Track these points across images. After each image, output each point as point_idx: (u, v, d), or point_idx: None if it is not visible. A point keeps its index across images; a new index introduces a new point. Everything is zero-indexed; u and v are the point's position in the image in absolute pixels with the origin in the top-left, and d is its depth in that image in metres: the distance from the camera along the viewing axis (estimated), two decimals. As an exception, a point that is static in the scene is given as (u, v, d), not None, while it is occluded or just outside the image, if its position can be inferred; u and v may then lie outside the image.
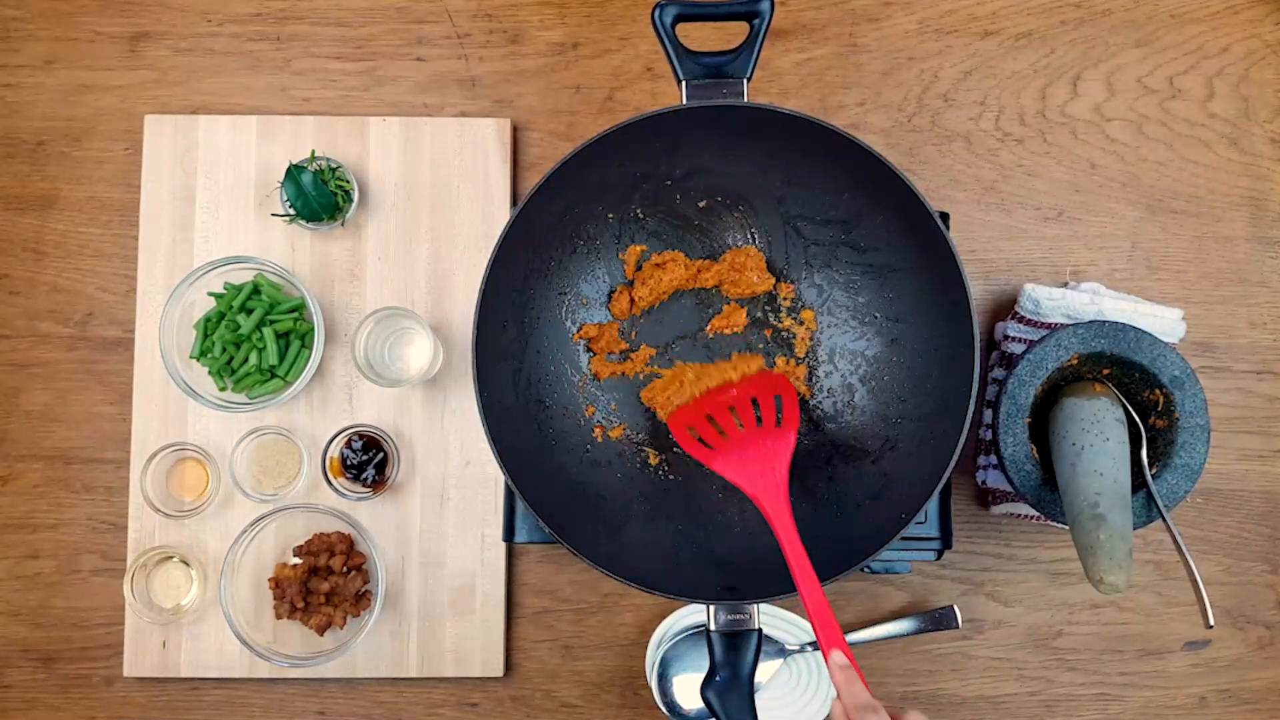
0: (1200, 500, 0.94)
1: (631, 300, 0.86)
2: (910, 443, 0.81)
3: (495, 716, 0.93)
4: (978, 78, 0.97)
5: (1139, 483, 0.82)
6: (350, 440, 0.91)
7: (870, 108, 0.97)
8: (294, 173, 0.89)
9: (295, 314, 0.91)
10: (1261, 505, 0.94)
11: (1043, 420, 0.86)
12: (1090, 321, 0.83)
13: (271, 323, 0.91)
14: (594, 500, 0.82)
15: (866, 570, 0.91)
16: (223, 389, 0.91)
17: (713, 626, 0.73)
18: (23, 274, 0.95)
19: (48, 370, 0.94)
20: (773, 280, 0.86)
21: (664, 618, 0.92)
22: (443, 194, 0.94)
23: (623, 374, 0.87)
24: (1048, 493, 0.83)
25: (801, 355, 0.87)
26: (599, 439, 0.86)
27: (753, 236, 0.86)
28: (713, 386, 0.83)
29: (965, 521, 0.94)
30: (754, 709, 0.71)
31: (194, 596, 0.90)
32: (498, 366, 0.79)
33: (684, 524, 0.83)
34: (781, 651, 0.90)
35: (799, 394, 0.86)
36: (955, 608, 0.91)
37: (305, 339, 0.92)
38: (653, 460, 0.86)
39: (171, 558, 0.91)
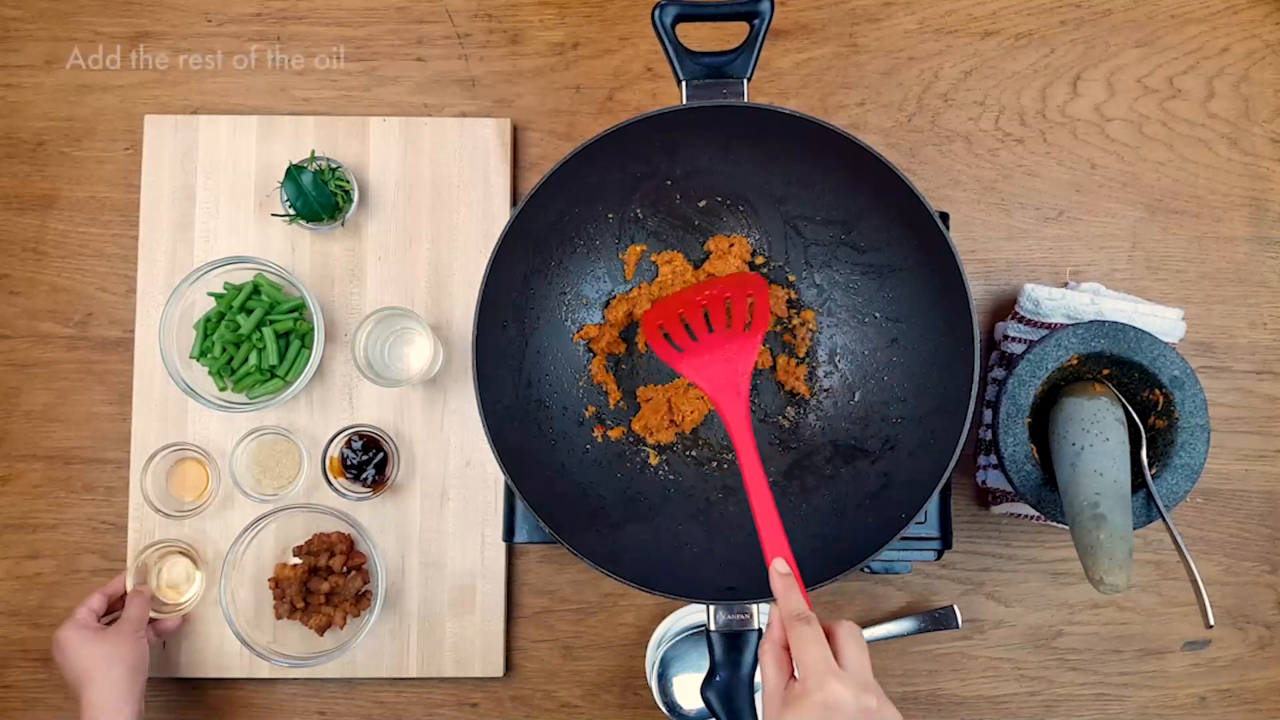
0: (1200, 500, 0.94)
1: (629, 313, 0.86)
2: (910, 443, 0.80)
3: (495, 717, 0.93)
4: (978, 78, 0.97)
5: (1139, 483, 0.82)
6: (350, 440, 0.91)
7: (870, 108, 0.97)
8: (294, 173, 0.89)
9: (295, 314, 0.91)
10: (1261, 505, 0.94)
11: (1043, 420, 0.86)
12: (1090, 321, 0.83)
13: (271, 323, 0.91)
14: (594, 500, 0.82)
15: (866, 570, 0.91)
16: (223, 389, 0.91)
17: (713, 626, 0.73)
18: (23, 274, 0.95)
19: (48, 370, 0.94)
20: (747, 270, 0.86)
21: (664, 618, 0.92)
22: (443, 194, 0.94)
23: (621, 371, 0.87)
24: (1048, 493, 0.83)
25: (801, 355, 0.87)
26: (599, 439, 0.85)
27: (753, 237, 0.86)
28: (690, 285, 0.83)
29: (965, 521, 0.94)
30: (754, 709, 0.71)
31: (196, 591, 0.90)
32: (498, 366, 0.79)
33: (684, 524, 0.83)
34: (781, 651, 0.90)
35: (799, 393, 0.86)
36: (955, 608, 0.91)
37: (305, 339, 0.92)
38: (653, 460, 0.86)
39: (174, 552, 0.91)
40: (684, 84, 0.76)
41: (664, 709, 0.89)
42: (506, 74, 0.97)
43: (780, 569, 0.66)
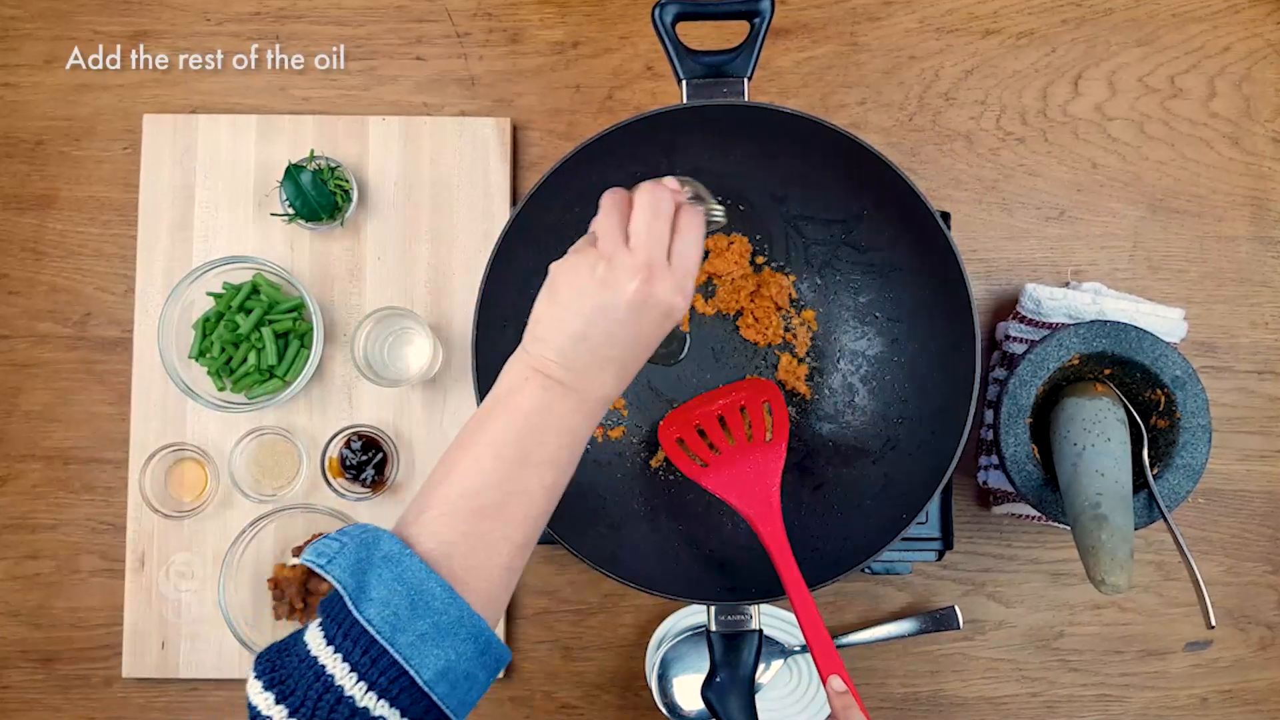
0: (1202, 500, 0.94)
1: None
2: (911, 443, 0.80)
3: (495, 717, 0.93)
4: (979, 77, 0.97)
5: (1140, 483, 0.82)
6: (349, 440, 0.90)
7: (871, 107, 0.97)
8: (293, 172, 0.89)
9: (294, 314, 0.91)
10: (1263, 505, 0.94)
11: (1044, 420, 0.85)
12: (1092, 321, 0.83)
13: (270, 322, 0.91)
14: (594, 500, 0.82)
15: (867, 571, 0.91)
16: (221, 389, 0.91)
17: (713, 627, 0.73)
18: (22, 274, 0.95)
19: (47, 370, 0.94)
20: (751, 271, 0.86)
21: (664, 618, 0.92)
22: (442, 193, 0.94)
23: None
24: (1049, 493, 0.82)
25: (802, 355, 0.86)
26: (599, 439, 0.85)
27: (753, 236, 0.86)
28: (701, 395, 0.83)
29: (966, 522, 0.94)
30: (754, 710, 0.71)
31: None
32: (498, 366, 0.79)
33: (684, 524, 0.83)
34: (782, 652, 0.90)
35: (799, 393, 0.86)
36: (956, 608, 0.91)
37: (304, 339, 0.91)
38: (653, 461, 0.86)
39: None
40: (684, 83, 0.76)
41: (664, 710, 0.89)
42: (506, 73, 0.97)
43: (837, 687, 0.66)
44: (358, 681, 0.51)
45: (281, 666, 0.53)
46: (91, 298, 0.95)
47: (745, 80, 0.76)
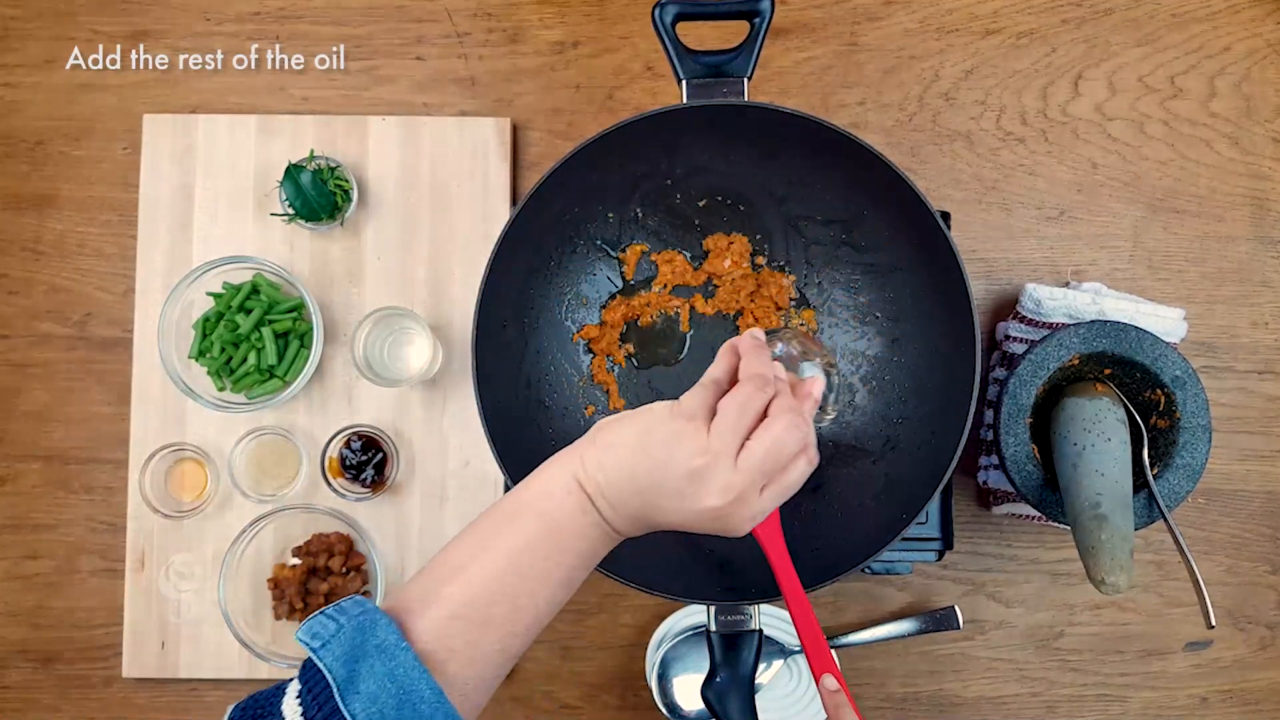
0: (1202, 500, 0.94)
1: (624, 317, 0.86)
2: (911, 443, 0.80)
3: (495, 717, 0.93)
4: (979, 77, 0.97)
5: (1140, 483, 0.82)
6: (349, 440, 0.90)
7: (871, 107, 0.97)
8: (293, 172, 0.89)
9: (294, 314, 0.91)
10: (1263, 505, 0.94)
11: (1044, 420, 0.85)
12: (1092, 321, 0.83)
13: (270, 322, 0.91)
14: (594, 500, 0.82)
15: (867, 571, 0.91)
16: (221, 389, 0.91)
17: (713, 627, 0.73)
18: (21, 274, 0.95)
19: (47, 370, 0.94)
20: (751, 271, 0.86)
21: (664, 618, 0.92)
22: (442, 193, 0.94)
23: (620, 367, 0.86)
24: (1049, 493, 0.82)
25: (802, 355, 0.86)
26: (599, 439, 0.85)
27: (753, 236, 0.86)
28: None
29: (966, 522, 0.94)
30: (754, 710, 0.71)
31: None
32: (498, 366, 0.79)
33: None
34: (782, 652, 0.90)
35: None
36: (956, 608, 0.91)
37: (304, 339, 0.91)
38: (653, 460, 0.85)
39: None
40: (684, 83, 0.76)
41: (664, 710, 0.89)
42: (506, 73, 0.97)
43: (830, 686, 0.66)
44: None
45: None
46: (91, 298, 0.95)
47: (745, 80, 0.76)
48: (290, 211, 0.90)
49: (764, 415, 0.59)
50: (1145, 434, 0.83)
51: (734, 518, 0.58)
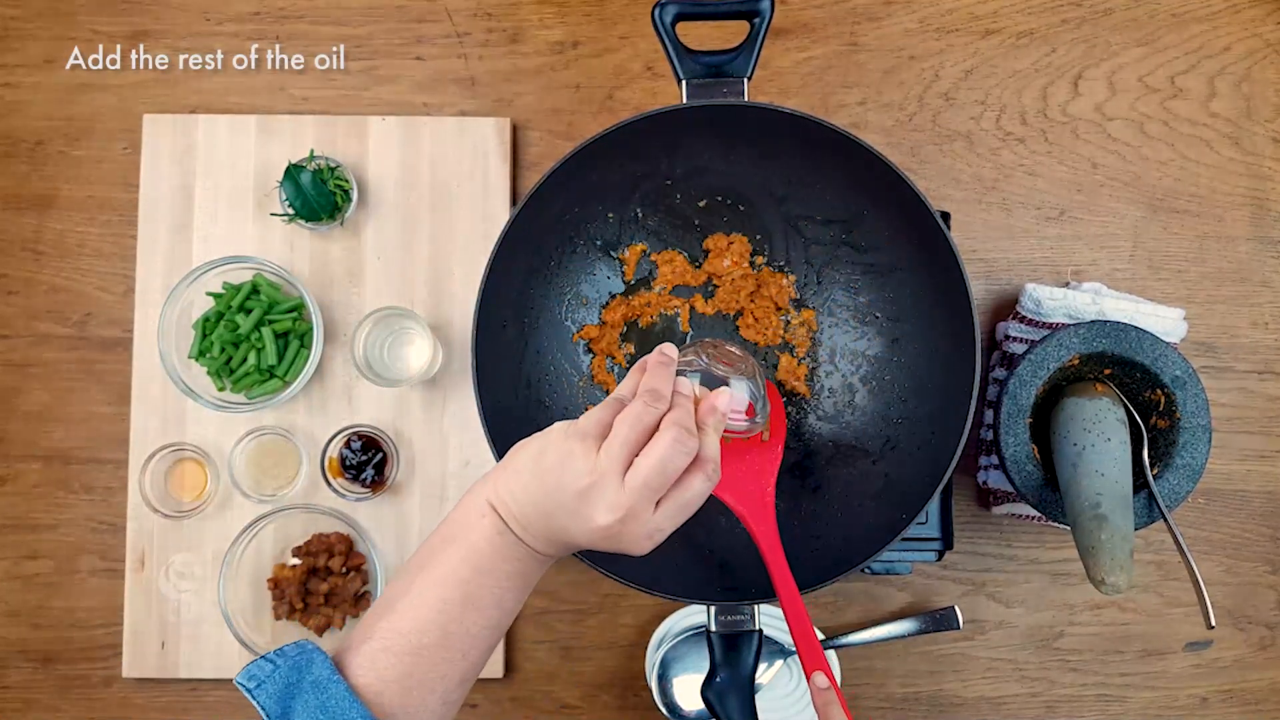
0: (1202, 500, 0.94)
1: (624, 317, 0.86)
2: (911, 443, 0.80)
3: (495, 717, 0.93)
4: (979, 77, 0.97)
5: (1140, 483, 0.82)
6: (349, 440, 0.90)
7: (871, 107, 0.97)
8: (293, 172, 0.89)
9: (294, 314, 0.91)
10: (1263, 505, 0.94)
11: (1044, 420, 0.85)
12: (1092, 321, 0.83)
13: (270, 323, 0.91)
14: (594, 501, 0.82)
15: (867, 571, 0.91)
16: (221, 389, 0.91)
17: (713, 627, 0.73)
18: (21, 274, 0.95)
19: (46, 370, 0.94)
20: (751, 271, 0.86)
21: (664, 619, 0.92)
22: (442, 193, 0.94)
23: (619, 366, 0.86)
24: (1049, 493, 0.82)
25: (802, 355, 0.86)
26: (599, 439, 0.85)
27: (753, 236, 0.86)
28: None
29: (966, 522, 0.94)
30: (754, 710, 0.71)
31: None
32: (498, 366, 0.79)
33: (684, 524, 0.82)
34: (782, 652, 0.90)
35: (799, 393, 0.86)
36: (956, 608, 0.91)
37: (304, 339, 0.91)
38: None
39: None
40: (684, 83, 0.76)
41: (664, 710, 0.89)
42: (506, 73, 0.97)
43: (820, 683, 0.66)
44: None
45: None
46: (91, 298, 0.95)
47: (745, 80, 0.76)
48: (290, 211, 0.90)
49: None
50: (1145, 434, 0.83)
51: (627, 535, 0.58)
